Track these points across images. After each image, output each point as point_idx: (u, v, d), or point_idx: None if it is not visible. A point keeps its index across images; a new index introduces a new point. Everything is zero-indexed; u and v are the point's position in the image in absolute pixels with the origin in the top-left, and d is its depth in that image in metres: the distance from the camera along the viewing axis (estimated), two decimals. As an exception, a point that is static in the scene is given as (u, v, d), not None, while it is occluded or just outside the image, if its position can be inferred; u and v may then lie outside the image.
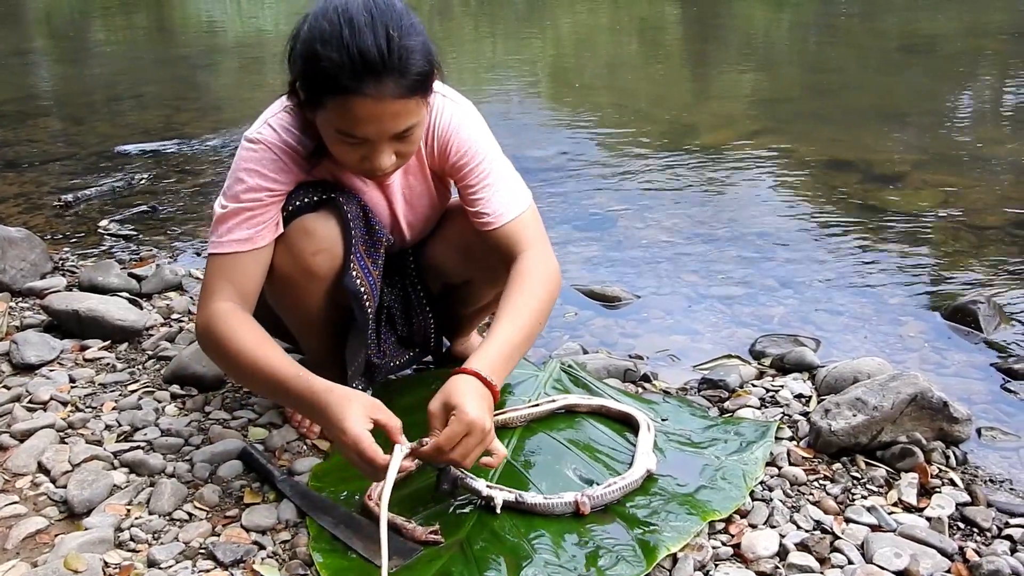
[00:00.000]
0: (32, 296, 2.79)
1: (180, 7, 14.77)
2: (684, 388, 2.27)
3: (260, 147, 1.70)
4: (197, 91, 7.17)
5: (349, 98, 1.51)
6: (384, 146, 1.59)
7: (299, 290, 1.80)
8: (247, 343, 1.63)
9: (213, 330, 1.65)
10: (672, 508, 1.64)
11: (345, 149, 1.61)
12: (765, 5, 11.73)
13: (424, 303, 2.09)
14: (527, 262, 1.78)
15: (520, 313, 1.70)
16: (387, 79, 1.50)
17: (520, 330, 1.68)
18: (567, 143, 4.84)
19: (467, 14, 11.65)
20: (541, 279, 1.76)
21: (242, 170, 1.70)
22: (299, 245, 1.74)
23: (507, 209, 1.81)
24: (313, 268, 1.76)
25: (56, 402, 2.09)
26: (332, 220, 1.76)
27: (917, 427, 1.85)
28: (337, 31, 1.49)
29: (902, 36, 8.04)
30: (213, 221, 1.72)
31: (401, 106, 1.54)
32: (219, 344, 1.65)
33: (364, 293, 1.81)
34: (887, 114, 5.20)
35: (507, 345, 1.65)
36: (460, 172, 1.82)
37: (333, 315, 1.87)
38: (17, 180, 4.44)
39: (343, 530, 1.59)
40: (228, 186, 1.72)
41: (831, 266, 3.07)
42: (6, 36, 11.08)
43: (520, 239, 1.81)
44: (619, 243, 3.38)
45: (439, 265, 2.04)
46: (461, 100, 1.84)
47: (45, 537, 1.62)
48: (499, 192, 1.82)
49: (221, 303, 1.67)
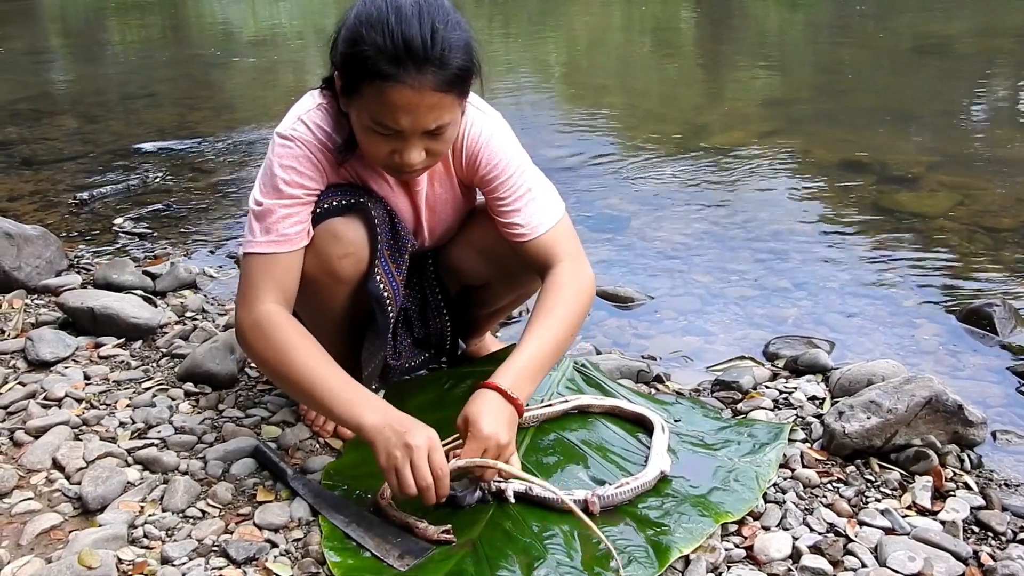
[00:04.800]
0: (47, 293, 2.80)
1: (194, 6, 14.82)
2: (697, 389, 2.26)
3: (295, 144, 1.69)
4: (211, 90, 7.19)
5: (388, 84, 1.50)
6: (416, 141, 1.58)
7: (323, 292, 1.79)
8: (305, 358, 1.62)
9: (266, 334, 1.64)
10: (684, 510, 1.63)
11: (376, 141, 1.60)
12: (779, 6, 11.70)
13: (442, 305, 2.09)
14: (562, 274, 1.78)
15: (550, 325, 1.71)
16: (427, 69, 1.50)
17: (549, 343, 1.69)
18: (580, 143, 4.84)
19: (480, 15, 11.65)
20: (574, 291, 1.77)
21: (279, 167, 1.68)
22: (327, 248, 1.74)
23: (541, 221, 1.81)
24: (339, 272, 1.76)
25: (71, 399, 2.09)
26: (360, 225, 1.76)
27: (932, 430, 1.84)
28: (384, 17, 1.50)
29: (917, 37, 8.01)
30: (250, 218, 1.70)
31: (438, 99, 1.53)
32: (271, 350, 1.64)
33: (387, 298, 1.81)
34: (901, 115, 5.19)
35: (535, 359, 1.67)
36: (491, 185, 1.81)
37: (353, 317, 1.87)
38: (33, 178, 4.46)
39: (355, 528, 1.59)
40: (264, 182, 1.70)
41: (845, 268, 3.06)
42: (22, 35, 11.13)
43: (555, 251, 1.81)
44: (632, 244, 3.37)
45: (460, 267, 2.04)
46: (491, 112, 1.83)
47: (59, 533, 1.63)
48: (532, 204, 1.81)
49: (271, 304, 1.66)
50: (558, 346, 1.72)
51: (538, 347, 1.68)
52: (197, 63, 8.68)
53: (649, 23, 10.94)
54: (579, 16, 11.58)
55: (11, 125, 5.75)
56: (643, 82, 7.02)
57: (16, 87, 7.18)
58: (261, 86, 7.21)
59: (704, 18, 10.97)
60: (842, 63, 7.16)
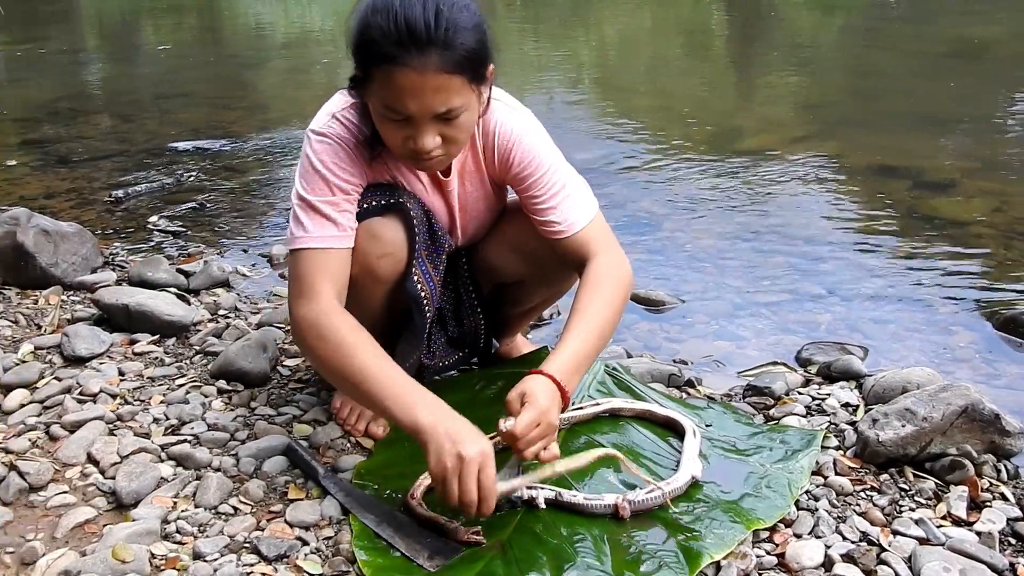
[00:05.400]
0: (83, 290, 2.83)
1: (228, 7, 14.94)
2: (729, 394, 2.25)
3: (331, 139, 1.71)
4: (244, 90, 7.24)
5: (393, 67, 1.51)
6: (427, 126, 1.57)
7: (362, 291, 1.80)
8: (363, 356, 1.61)
9: (323, 331, 1.64)
10: (716, 515, 1.62)
11: (391, 128, 1.60)
12: (812, 9, 11.62)
13: (475, 303, 2.10)
14: (600, 267, 1.78)
15: (593, 319, 1.70)
16: (431, 51, 1.50)
17: (592, 336, 1.69)
18: (611, 146, 4.83)
19: (511, 18, 11.66)
20: (614, 284, 1.77)
21: (319, 162, 1.70)
22: (365, 248, 1.75)
23: (578, 218, 1.81)
24: (378, 271, 1.77)
25: (105, 394, 2.11)
26: (399, 225, 1.77)
27: (967, 439, 1.82)
28: (390, 2, 1.51)
29: (953, 40, 7.91)
30: (295, 214, 1.72)
31: (444, 81, 1.52)
32: (330, 347, 1.63)
33: (425, 299, 1.82)
34: (937, 120, 5.13)
35: (579, 352, 1.67)
36: (525, 183, 1.81)
37: (389, 317, 1.87)
38: (69, 176, 4.51)
39: (386, 528, 1.60)
40: (306, 179, 1.71)
41: (879, 274, 3.03)
42: (60, 36, 11.28)
43: (592, 246, 1.81)
44: (664, 247, 3.36)
45: (494, 265, 2.04)
46: (521, 108, 1.83)
47: (93, 527, 1.64)
48: (568, 201, 1.81)
49: (329, 301, 1.66)
50: (601, 338, 1.72)
51: (581, 341, 1.68)
52: (231, 63, 8.75)
53: (681, 25, 10.90)
54: (610, 18, 11.56)
55: (48, 124, 5.82)
56: (675, 85, 6.99)
57: (54, 87, 7.27)
58: (294, 86, 7.25)
59: (736, 21, 10.91)
60: (876, 66, 7.09)
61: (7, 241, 2.79)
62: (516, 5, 13.22)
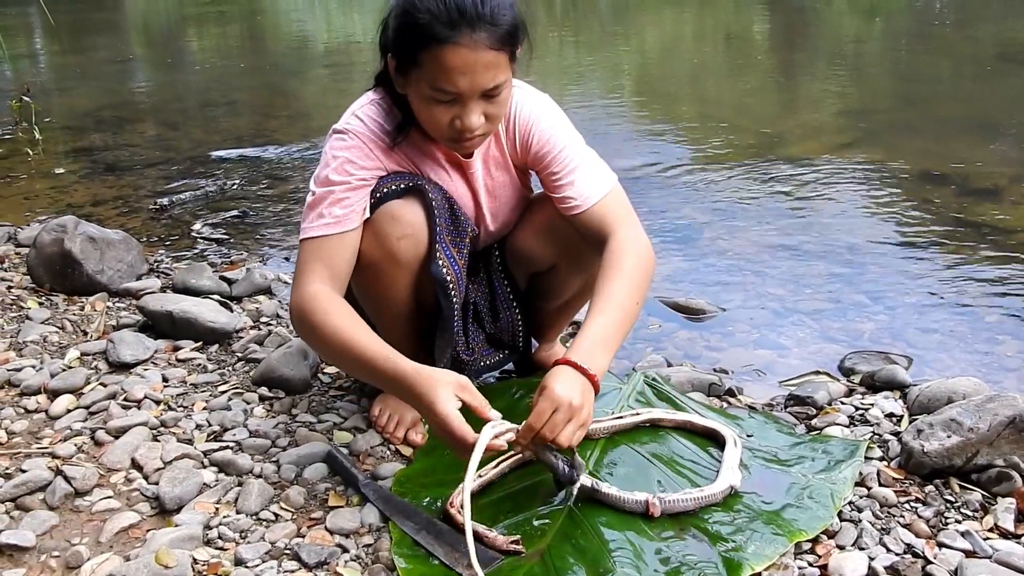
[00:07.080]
0: (128, 296, 2.87)
1: (272, 16, 15.12)
2: (770, 404, 2.23)
3: (348, 136, 1.77)
4: (287, 98, 7.32)
5: (445, 47, 1.57)
6: (474, 104, 1.63)
7: (385, 277, 1.83)
8: (340, 325, 1.66)
9: (308, 312, 1.68)
10: (757, 526, 1.61)
11: (437, 111, 1.65)
12: (855, 14, 11.49)
13: (511, 296, 2.11)
14: (619, 243, 1.78)
15: (613, 298, 1.70)
16: (481, 28, 1.57)
17: (616, 312, 1.69)
18: (652, 153, 4.81)
19: (552, 24, 11.67)
20: (634, 259, 1.77)
21: (332, 157, 1.76)
22: (385, 230, 1.78)
23: (593, 191, 1.83)
24: (399, 253, 1.79)
25: (149, 400, 2.14)
26: (418, 206, 1.80)
27: (1015, 450, 1.78)
28: None
29: (999, 44, 7.79)
30: (305, 209, 1.78)
31: (493, 57, 1.59)
32: (313, 326, 1.68)
33: (450, 282, 1.84)
34: (983, 125, 5.05)
35: (604, 329, 1.66)
36: (543, 161, 1.85)
37: (417, 308, 1.89)
38: (116, 183, 4.59)
39: (425, 536, 1.60)
40: (317, 174, 1.78)
41: (924, 282, 2.99)
42: (107, 44, 11.47)
43: (609, 220, 1.82)
44: (704, 255, 3.34)
45: (524, 250, 2.05)
46: (538, 93, 1.89)
47: (137, 532, 1.67)
48: (583, 175, 1.84)
49: (315, 285, 1.71)
50: (626, 315, 1.71)
51: (606, 318, 1.67)
52: (274, 72, 8.84)
53: (722, 31, 10.84)
54: (651, 24, 11.53)
55: (95, 132, 5.93)
56: (716, 91, 6.96)
57: (100, 95, 7.39)
58: (335, 95, 7.31)
59: (778, 26, 10.83)
60: (921, 71, 6.99)
61: (55, 248, 2.84)
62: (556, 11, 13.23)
